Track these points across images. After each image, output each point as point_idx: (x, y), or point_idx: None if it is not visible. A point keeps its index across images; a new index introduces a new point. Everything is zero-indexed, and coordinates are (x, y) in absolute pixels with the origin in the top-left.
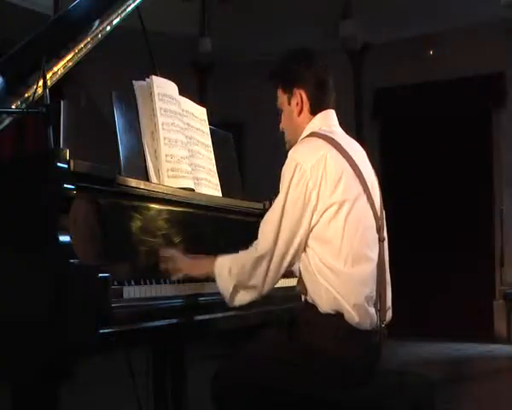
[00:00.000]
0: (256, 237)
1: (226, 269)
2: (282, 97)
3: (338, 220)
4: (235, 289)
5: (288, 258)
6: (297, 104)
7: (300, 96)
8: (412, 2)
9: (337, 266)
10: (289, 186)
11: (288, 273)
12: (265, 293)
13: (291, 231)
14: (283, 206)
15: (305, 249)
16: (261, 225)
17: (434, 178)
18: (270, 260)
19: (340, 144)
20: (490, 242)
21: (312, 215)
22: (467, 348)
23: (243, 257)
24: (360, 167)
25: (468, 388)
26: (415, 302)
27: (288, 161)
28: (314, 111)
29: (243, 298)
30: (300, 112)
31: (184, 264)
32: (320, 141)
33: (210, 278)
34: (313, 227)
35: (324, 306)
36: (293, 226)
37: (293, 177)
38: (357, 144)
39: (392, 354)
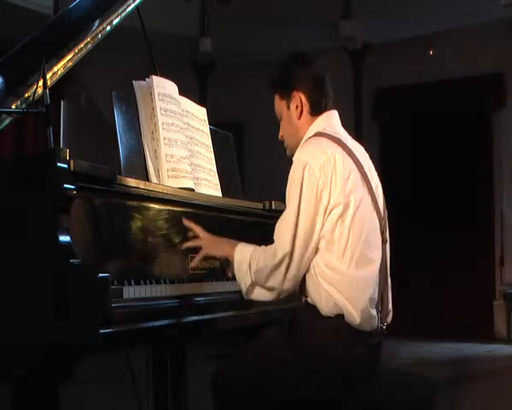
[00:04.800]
0: (257, 237)
1: (246, 263)
2: (279, 104)
3: (344, 222)
4: (253, 286)
5: (306, 259)
6: (296, 107)
7: (300, 98)
8: (412, 2)
9: (341, 268)
10: (301, 187)
11: None
12: (285, 294)
13: (307, 231)
14: (298, 208)
15: None
16: (276, 229)
17: (434, 179)
18: (289, 263)
19: (346, 145)
20: (490, 242)
21: (324, 215)
22: (467, 348)
23: (263, 258)
24: (365, 169)
25: (468, 388)
26: (415, 302)
27: (295, 163)
28: (315, 112)
29: (260, 295)
30: (301, 114)
31: (207, 239)
32: (326, 140)
33: (212, 278)
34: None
35: (324, 309)
36: (309, 227)
37: (303, 177)
38: (361, 146)
39: (392, 354)
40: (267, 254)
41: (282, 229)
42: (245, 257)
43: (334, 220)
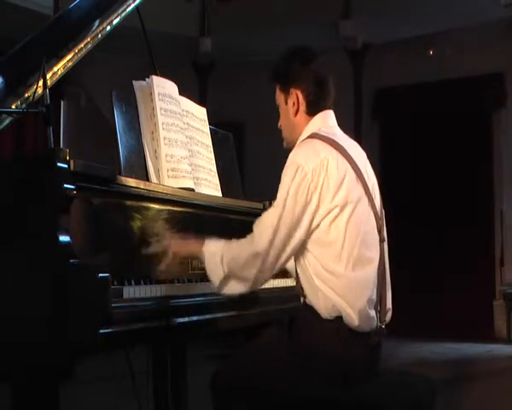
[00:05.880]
0: None
1: (218, 256)
2: (279, 96)
3: (339, 224)
4: (226, 278)
5: (283, 258)
6: (293, 104)
7: (297, 96)
8: (412, 2)
9: (338, 270)
10: (289, 188)
11: (286, 273)
12: (256, 288)
13: (289, 232)
14: (283, 207)
15: (303, 253)
16: (257, 222)
17: (434, 179)
18: (265, 259)
19: (341, 146)
20: (490, 242)
21: (312, 218)
22: (467, 348)
23: (237, 248)
24: (361, 169)
25: (468, 388)
26: (415, 302)
27: (288, 164)
28: (311, 112)
29: (233, 288)
30: (297, 112)
31: (170, 241)
32: (321, 143)
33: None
34: (313, 231)
35: (323, 312)
36: (291, 228)
37: (293, 179)
38: (357, 145)
39: (392, 354)
40: (243, 244)
41: (264, 221)
42: (216, 249)
43: (328, 223)
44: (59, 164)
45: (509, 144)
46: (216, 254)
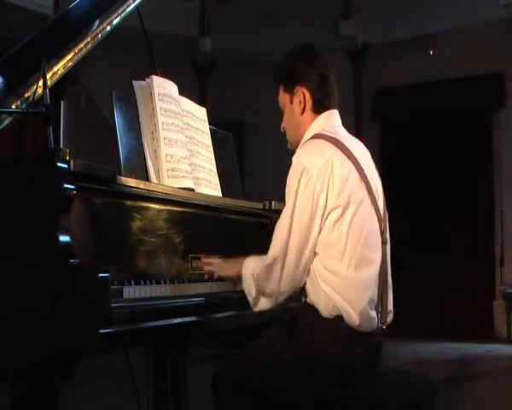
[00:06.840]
0: (257, 237)
1: (249, 274)
2: (283, 97)
3: (342, 224)
4: (257, 295)
5: (302, 264)
6: (299, 102)
7: (303, 94)
8: (412, 2)
9: (340, 270)
10: (297, 192)
11: None
12: (281, 300)
13: (302, 237)
14: (292, 213)
15: None
16: (274, 232)
17: (434, 179)
18: (283, 268)
19: (345, 146)
20: (490, 242)
21: (322, 219)
22: (467, 348)
23: (261, 263)
24: (365, 170)
25: (468, 388)
26: (415, 302)
27: (293, 166)
28: (317, 110)
29: (264, 304)
30: (303, 110)
31: (217, 266)
32: (325, 143)
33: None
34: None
35: (324, 311)
36: (304, 232)
37: (300, 182)
38: (362, 145)
39: (392, 354)
40: (263, 258)
41: (277, 231)
42: (249, 267)
43: (331, 223)
44: (59, 164)
45: (509, 144)
46: (249, 270)
